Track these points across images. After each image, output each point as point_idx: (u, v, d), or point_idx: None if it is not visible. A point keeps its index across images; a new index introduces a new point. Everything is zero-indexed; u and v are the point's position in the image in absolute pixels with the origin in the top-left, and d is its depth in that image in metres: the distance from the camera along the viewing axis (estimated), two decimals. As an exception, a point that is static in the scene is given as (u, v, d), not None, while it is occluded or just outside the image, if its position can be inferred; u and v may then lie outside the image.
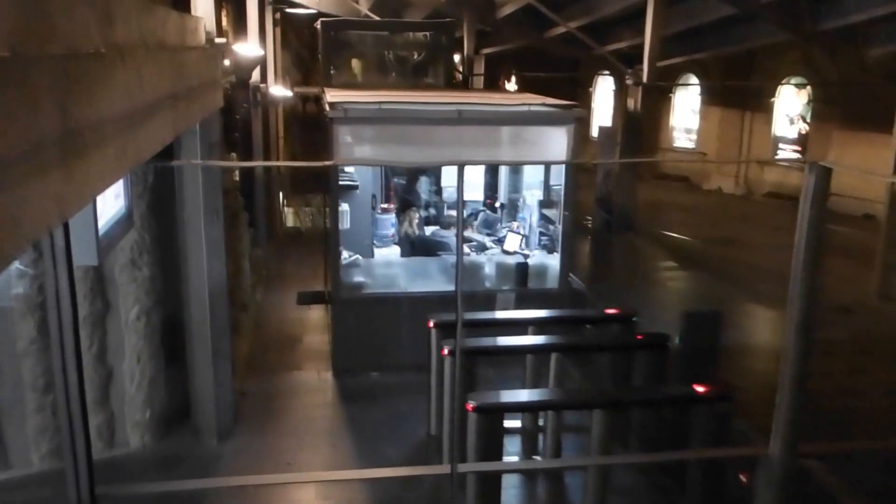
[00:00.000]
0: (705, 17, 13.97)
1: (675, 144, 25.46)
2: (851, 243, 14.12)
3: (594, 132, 20.64)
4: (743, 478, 5.29)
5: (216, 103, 6.01)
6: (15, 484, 6.57)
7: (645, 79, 12.34)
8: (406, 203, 11.08)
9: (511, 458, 6.94)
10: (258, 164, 9.75)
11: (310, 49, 23.82)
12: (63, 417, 4.21)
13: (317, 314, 11.23)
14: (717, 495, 5.76)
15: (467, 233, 10.86)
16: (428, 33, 14.16)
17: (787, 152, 21.85)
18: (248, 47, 10.97)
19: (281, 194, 18.53)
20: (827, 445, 5.21)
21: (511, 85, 33.10)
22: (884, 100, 12.59)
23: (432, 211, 11.40)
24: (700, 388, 5.63)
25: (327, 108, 8.44)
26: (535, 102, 9.04)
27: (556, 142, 8.84)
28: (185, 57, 4.05)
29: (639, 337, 6.86)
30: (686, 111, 25.11)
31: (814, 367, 9.44)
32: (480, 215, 11.23)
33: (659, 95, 23.89)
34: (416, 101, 8.81)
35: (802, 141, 21.29)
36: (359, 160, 9.07)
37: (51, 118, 1.84)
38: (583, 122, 9.93)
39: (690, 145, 24.95)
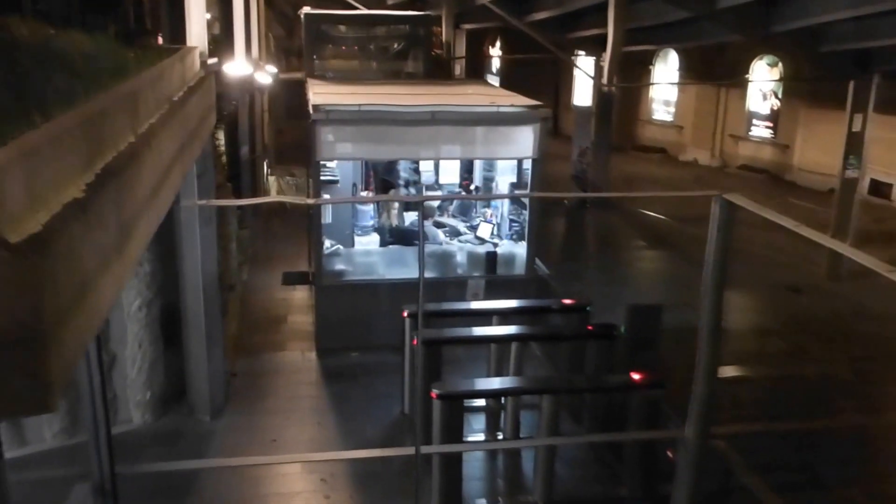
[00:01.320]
0: (667, 17, 14.51)
1: (653, 116, 26.06)
2: (811, 219, 14.83)
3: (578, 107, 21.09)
4: (670, 454, 6.10)
5: (211, 126, 6.61)
6: (31, 459, 7.27)
7: (606, 69, 12.94)
8: (387, 184, 11.61)
9: (476, 435, 7.78)
10: (251, 201, 10.53)
11: (294, 6, 24.09)
12: (88, 406, 4.94)
13: (301, 294, 11.86)
14: (650, 468, 6.63)
15: (442, 218, 11.53)
16: (407, 25, 14.73)
17: (759, 128, 22.56)
18: (237, 65, 11.47)
19: (265, 163, 19.01)
20: (735, 427, 6.01)
21: (495, 51, 33.52)
22: (842, 84, 13.26)
23: (412, 191, 11.93)
24: (636, 376, 6.44)
25: (311, 109, 9.08)
26: (505, 104, 9.68)
27: (524, 139, 9.56)
28: (187, 105, 4.66)
29: (589, 328, 7.62)
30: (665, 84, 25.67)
31: (753, 348, 10.26)
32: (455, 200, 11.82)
33: (639, 68, 24.38)
34: (393, 104, 9.41)
35: (774, 117, 21.98)
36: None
37: (114, 226, 2.50)
38: (560, 101, 10.47)
39: (668, 118, 25.54)
